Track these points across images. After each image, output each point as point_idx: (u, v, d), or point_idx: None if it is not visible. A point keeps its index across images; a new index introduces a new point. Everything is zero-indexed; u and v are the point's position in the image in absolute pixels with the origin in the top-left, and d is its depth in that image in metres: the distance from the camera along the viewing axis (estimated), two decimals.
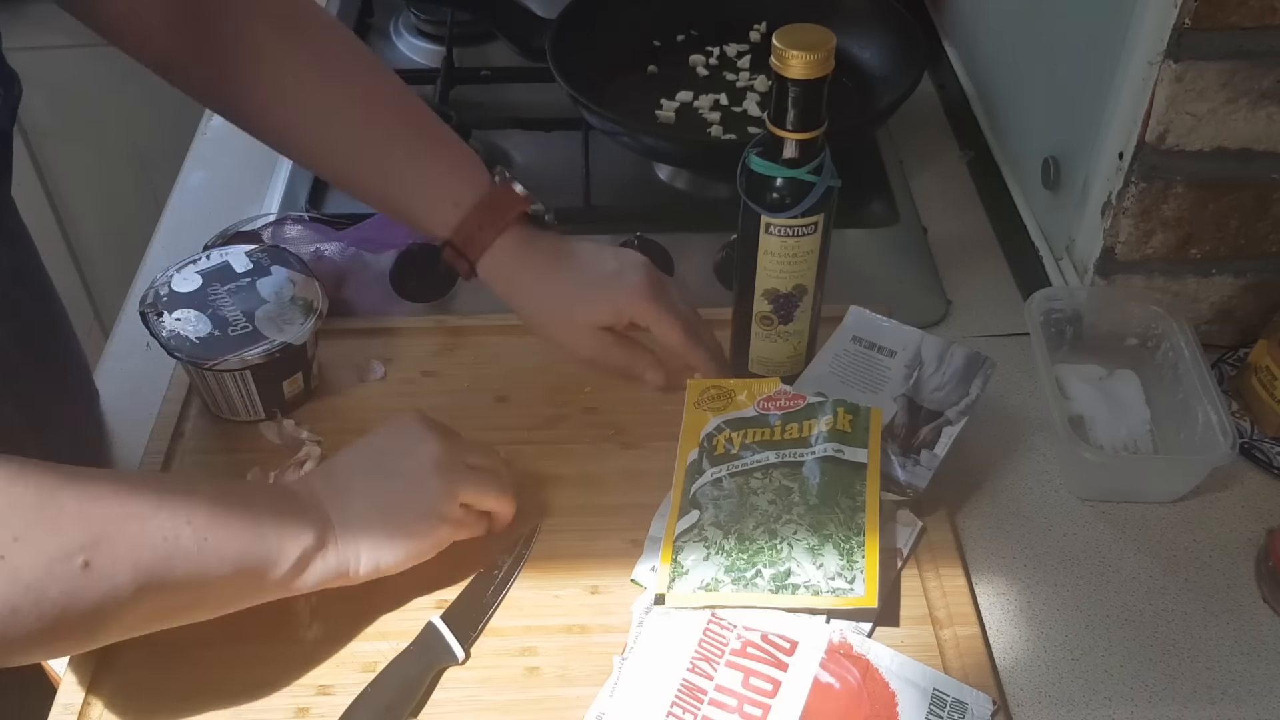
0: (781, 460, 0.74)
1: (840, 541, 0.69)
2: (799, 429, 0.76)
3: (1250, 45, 0.75)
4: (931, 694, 0.65)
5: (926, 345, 0.81)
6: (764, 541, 0.70)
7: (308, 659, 0.69)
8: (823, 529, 0.70)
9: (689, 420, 0.79)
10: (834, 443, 0.74)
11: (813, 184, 0.72)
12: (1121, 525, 0.78)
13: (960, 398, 0.78)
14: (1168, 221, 0.84)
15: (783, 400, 0.78)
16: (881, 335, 0.83)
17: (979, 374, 0.79)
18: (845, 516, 0.70)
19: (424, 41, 1.25)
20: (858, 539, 0.70)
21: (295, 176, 1.06)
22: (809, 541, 0.70)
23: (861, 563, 0.69)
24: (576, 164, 1.04)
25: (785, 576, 0.69)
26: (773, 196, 0.74)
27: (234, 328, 0.80)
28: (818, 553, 0.69)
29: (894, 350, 0.82)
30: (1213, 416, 0.77)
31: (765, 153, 0.73)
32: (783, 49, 0.68)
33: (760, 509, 0.72)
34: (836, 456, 0.73)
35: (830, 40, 0.68)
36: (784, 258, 0.76)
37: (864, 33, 1.11)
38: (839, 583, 0.68)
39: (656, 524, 0.75)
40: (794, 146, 0.72)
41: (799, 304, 0.79)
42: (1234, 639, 0.72)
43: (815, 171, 0.73)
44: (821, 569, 0.68)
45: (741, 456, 0.75)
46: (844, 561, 0.69)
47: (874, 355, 0.82)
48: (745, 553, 0.70)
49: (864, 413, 0.76)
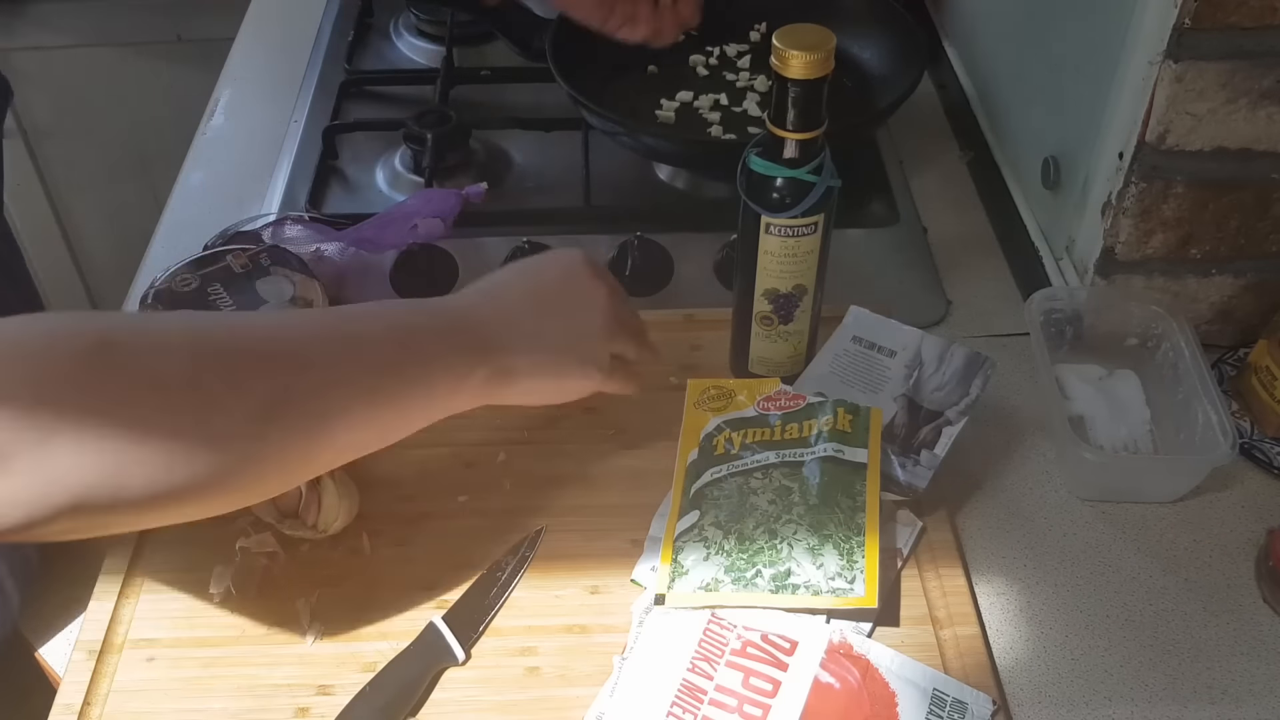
0: (781, 460, 0.74)
1: (840, 541, 0.69)
2: (799, 429, 0.76)
3: (1250, 45, 0.75)
4: (931, 694, 0.65)
5: (927, 345, 0.81)
6: (764, 541, 0.70)
7: (308, 659, 0.69)
8: (823, 529, 0.70)
9: (689, 420, 0.79)
10: (834, 443, 0.74)
11: (813, 184, 0.72)
12: (1121, 525, 0.78)
13: (960, 398, 0.78)
14: (1168, 221, 0.84)
15: (783, 400, 0.78)
16: (881, 335, 0.83)
17: (979, 374, 0.79)
18: (845, 516, 0.70)
19: (424, 41, 1.25)
20: (858, 539, 0.70)
21: (295, 176, 1.06)
22: (809, 541, 0.70)
23: (861, 563, 0.69)
24: (576, 164, 1.04)
25: (785, 576, 0.68)
26: (773, 196, 0.74)
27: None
28: (818, 553, 0.69)
29: (894, 350, 0.82)
30: (1213, 416, 0.77)
31: (765, 153, 0.73)
32: (783, 49, 0.68)
33: (760, 509, 0.72)
34: (836, 456, 0.73)
35: (830, 40, 0.68)
36: (784, 258, 0.76)
37: (864, 33, 1.11)
38: (839, 583, 0.68)
39: (656, 524, 0.75)
40: (794, 146, 0.72)
41: (799, 304, 0.79)
42: (1234, 639, 0.72)
43: (815, 171, 0.73)
44: (822, 569, 0.68)
45: (741, 456, 0.75)
46: (844, 561, 0.69)
47: (874, 355, 0.82)
48: (745, 553, 0.70)
49: (864, 413, 0.76)
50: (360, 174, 1.07)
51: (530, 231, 0.95)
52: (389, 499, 0.78)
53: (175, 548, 0.75)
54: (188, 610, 0.72)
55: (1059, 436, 0.78)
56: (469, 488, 0.79)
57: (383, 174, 1.07)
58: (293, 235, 0.98)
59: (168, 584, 0.73)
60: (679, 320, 0.91)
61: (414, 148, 1.04)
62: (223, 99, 1.20)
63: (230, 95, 1.21)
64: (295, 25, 1.30)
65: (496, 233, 0.97)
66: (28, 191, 1.73)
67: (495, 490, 0.79)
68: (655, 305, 0.94)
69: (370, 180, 1.07)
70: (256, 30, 1.33)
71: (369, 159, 1.08)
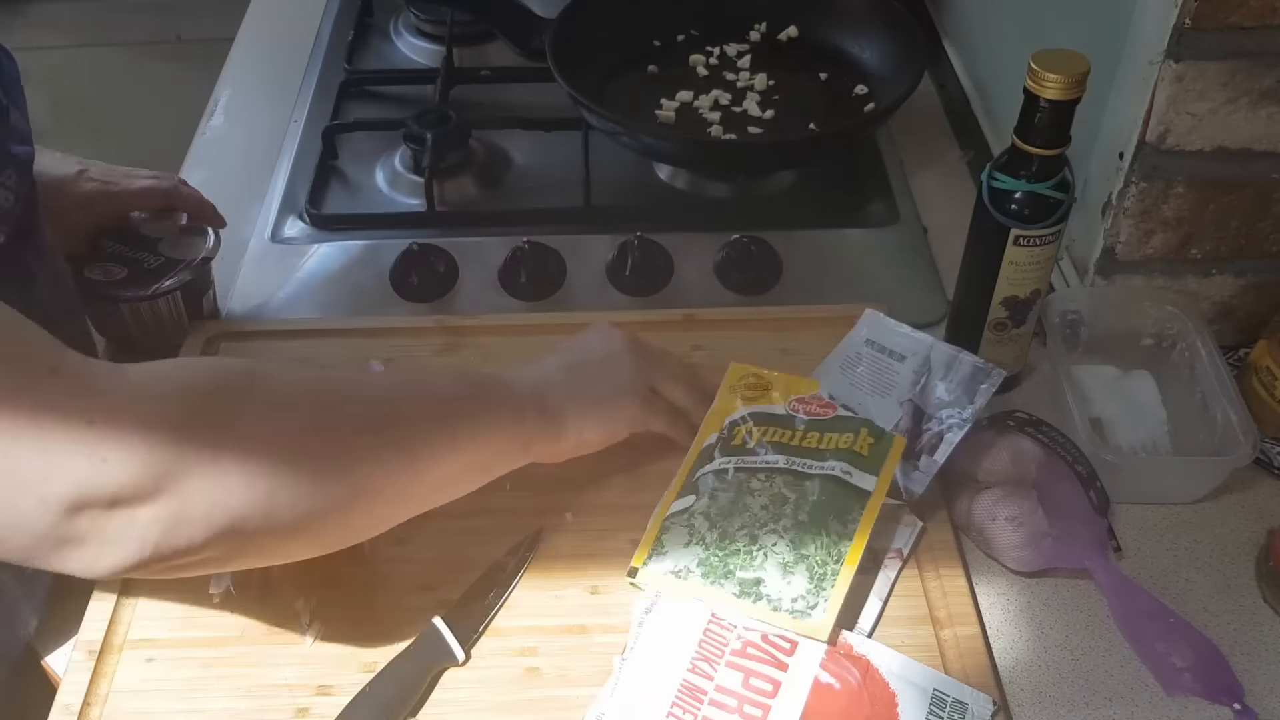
0: (789, 467, 0.74)
1: (816, 565, 0.69)
2: (819, 439, 0.75)
3: (1250, 45, 0.75)
4: (932, 694, 0.65)
5: (936, 352, 0.81)
6: (743, 545, 0.70)
7: (308, 659, 0.69)
8: (803, 547, 0.70)
9: (719, 403, 0.79)
10: (845, 463, 0.73)
11: (1058, 199, 0.75)
12: (1122, 525, 0.78)
13: (965, 406, 0.78)
14: (1168, 221, 0.84)
15: (815, 406, 0.78)
16: (893, 340, 0.83)
17: (985, 383, 0.79)
18: (830, 541, 0.70)
19: (424, 41, 1.25)
20: (834, 566, 0.69)
21: (295, 176, 1.06)
22: (785, 556, 0.70)
23: (829, 592, 0.68)
24: (576, 164, 1.04)
25: (753, 585, 0.69)
26: (1023, 211, 0.76)
27: (147, 263, 0.86)
28: (790, 569, 0.69)
29: (904, 355, 0.82)
30: (1232, 416, 0.77)
31: (1007, 168, 0.76)
32: (1040, 71, 0.71)
33: (751, 511, 0.72)
34: (843, 478, 0.73)
35: (1084, 65, 0.71)
36: (1028, 266, 0.78)
37: (864, 33, 1.11)
38: (800, 605, 0.68)
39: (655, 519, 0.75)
40: (1039, 161, 0.74)
41: (1032, 307, 0.81)
42: (1234, 639, 0.72)
43: (1059, 185, 0.76)
44: (789, 586, 0.68)
45: (755, 453, 0.75)
46: (812, 586, 0.68)
47: (884, 359, 0.82)
48: (723, 551, 0.70)
49: (886, 439, 0.75)
50: (360, 174, 1.07)
51: (530, 231, 0.95)
52: None
53: None
54: (188, 610, 0.72)
55: (1079, 439, 0.78)
56: None
57: (382, 174, 1.07)
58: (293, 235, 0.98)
59: (168, 584, 0.73)
60: (679, 320, 0.91)
61: (414, 148, 1.04)
62: (223, 99, 1.20)
63: (230, 95, 1.21)
64: (295, 25, 1.30)
65: (496, 233, 0.97)
66: None
67: (495, 490, 0.79)
68: (655, 305, 0.94)
69: (370, 180, 1.07)
70: (256, 30, 1.33)
71: (369, 159, 1.08)
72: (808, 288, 0.94)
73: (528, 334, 0.89)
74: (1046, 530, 0.73)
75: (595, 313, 0.89)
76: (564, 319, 0.90)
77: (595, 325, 0.80)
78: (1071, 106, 0.72)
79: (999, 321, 0.82)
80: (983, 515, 0.74)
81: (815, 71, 1.11)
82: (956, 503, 0.77)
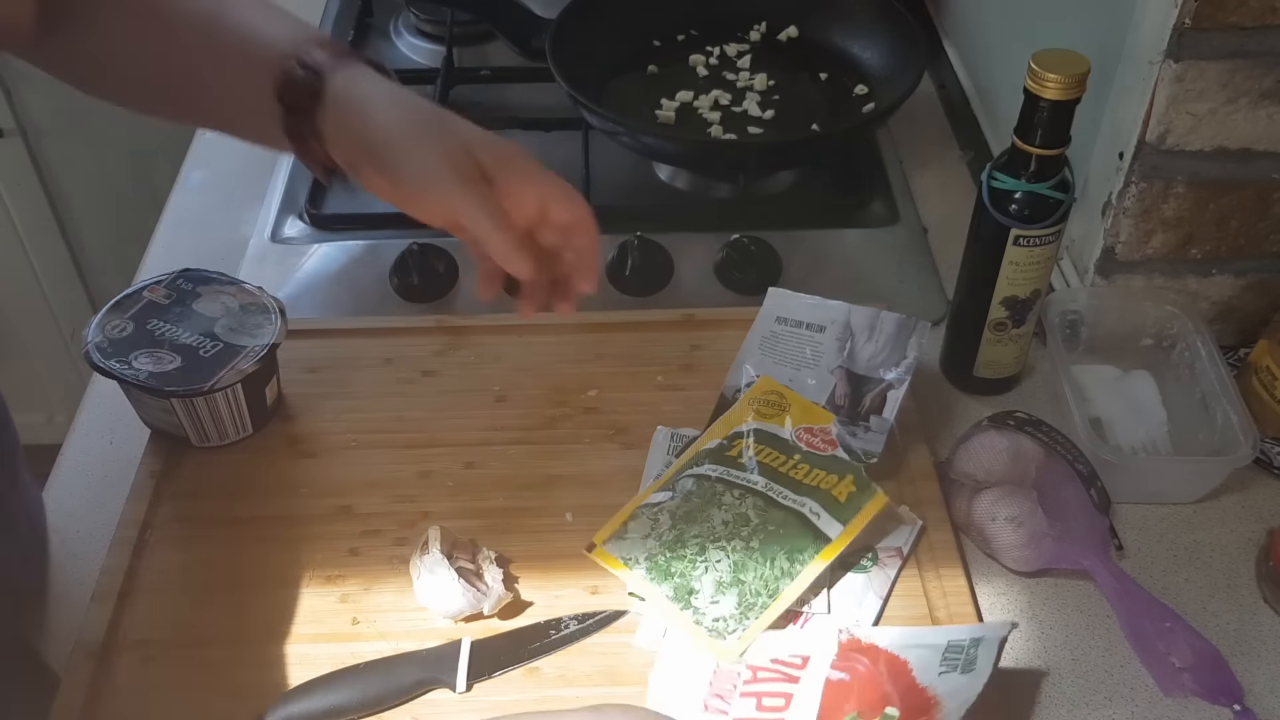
0: (765, 491, 0.73)
1: (749, 594, 0.69)
2: (806, 472, 0.74)
3: (1250, 45, 0.75)
4: (946, 646, 0.65)
5: (855, 316, 0.82)
6: (692, 553, 0.71)
7: (307, 659, 0.69)
8: (742, 573, 0.70)
9: (734, 411, 0.79)
10: (817, 503, 0.72)
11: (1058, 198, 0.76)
12: (1121, 525, 0.78)
13: (899, 360, 0.79)
14: (1168, 221, 0.84)
15: (819, 440, 0.77)
16: (805, 312, 0.84)
17: (912, 336, 0.80)
18: (771, 575, 0.70)
19: (424, 41, 1.25)
20: (765, 601, 0.69)
21: (295, 176, 1.06)
22: (723, 576, 0.70)
23: (751, 624, 0.68)
24: (576, 164, 1.04)
25: (686, 593, 0.69)
26: (1023, 211, 0.76)
27: (203, 350, 0.77)
28: (723, 589, 0.69)
29: (823, 325, 0.83)
30: (1233, 417, 0.77)
31: (1007, 168, 0.76)
32: (1040, 71, 0.71)
33: (711, 524, 0.72)
34: (809, 518, 0.72)
35: (1084, 65, 0.71)
36: (1027, 265, 0.79)
37: (864, 33, 1.11)
38: (719, 626, 0.68)
39: None
40: (1039, 161, 0.74)
41: (1032, 307, 0.81)
42: (1234, 639, 0.72)
43: (1059, 184, 0.76)
44: (716, 606, 0.69)
45: (744, 468, 0.75)
46: (738, 613, 0.68)
47: (802, 333, 0.83)
48: (671, 553, 0.71)
49: (868, 492, 0.73)
50: None
51: None
52: (389, 499, 0.78)
53: (175, 547, 0.75)
54: (188, 610, 0.72)
55: (1079, 439, 0.78)
56: (469, 488, 0.79)
57: None
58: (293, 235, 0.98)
59: (168, 584, 0.73)
60: (679, 320, 0.91)
61: None
62: None
63: None
64: None
65: None
66: (28, 191, 1.73)
67: (495, 490, 0.79)
68: (655, 305, 0.94)
69: None
70: None
71: None
72: (808, 288, 0.94)
73: (528, 334, 0.89)
74: (1046, 530, 0.73)
75: (595, 312, 0.89)
76: (563, 319, 0.90)
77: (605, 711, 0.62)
78: (1071, 106, 0.73)
79: (999, 321, 0.82)
80: (983, 515, 0.74)
81: (815, 71, 1.11)
82: (956, 503, 0.77)
